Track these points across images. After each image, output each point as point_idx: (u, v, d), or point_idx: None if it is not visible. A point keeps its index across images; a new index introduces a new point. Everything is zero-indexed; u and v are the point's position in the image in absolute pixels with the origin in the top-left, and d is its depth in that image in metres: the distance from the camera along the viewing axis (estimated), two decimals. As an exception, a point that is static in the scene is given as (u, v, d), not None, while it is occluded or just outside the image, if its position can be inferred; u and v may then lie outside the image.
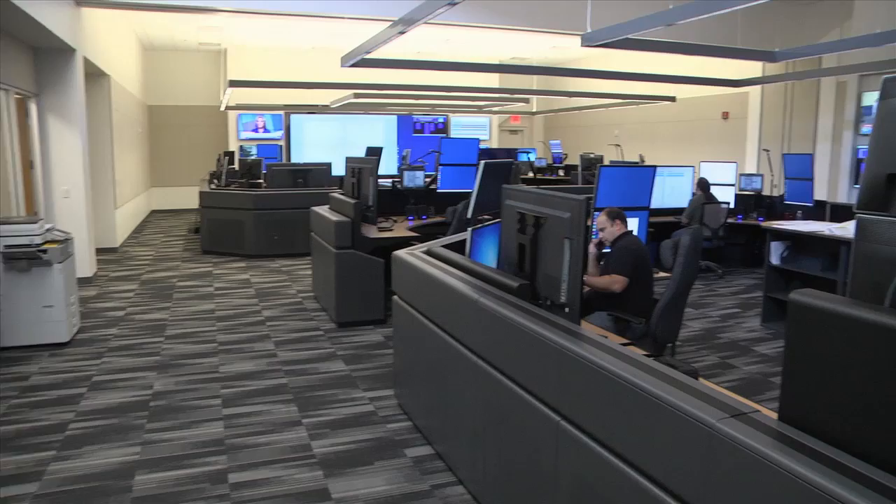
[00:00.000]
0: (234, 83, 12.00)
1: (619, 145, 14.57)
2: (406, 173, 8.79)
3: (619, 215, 4.80)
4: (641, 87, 12.88)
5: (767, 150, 11.71)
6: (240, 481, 3.73)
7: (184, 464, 3.93)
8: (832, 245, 6.77)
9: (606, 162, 12.91)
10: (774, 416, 1.89)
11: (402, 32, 6.12)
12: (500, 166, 6.68)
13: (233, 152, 14.84)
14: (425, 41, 14.23)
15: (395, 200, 8.44)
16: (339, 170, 9.52)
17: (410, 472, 3.82)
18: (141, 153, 15.77)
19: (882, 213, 1.90)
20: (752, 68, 11.62)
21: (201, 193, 11.43)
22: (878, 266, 1.84)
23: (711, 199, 9.46)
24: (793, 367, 1.83)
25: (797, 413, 1.82)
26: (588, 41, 6.87)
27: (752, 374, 5.62)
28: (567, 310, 2.94)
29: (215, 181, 12.53)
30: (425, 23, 5.73)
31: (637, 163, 11.94)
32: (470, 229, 4.30)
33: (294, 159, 17.34)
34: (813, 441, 1.72)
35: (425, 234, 6.89)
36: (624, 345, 3.17)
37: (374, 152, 11.52)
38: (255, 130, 17.60)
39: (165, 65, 17.61)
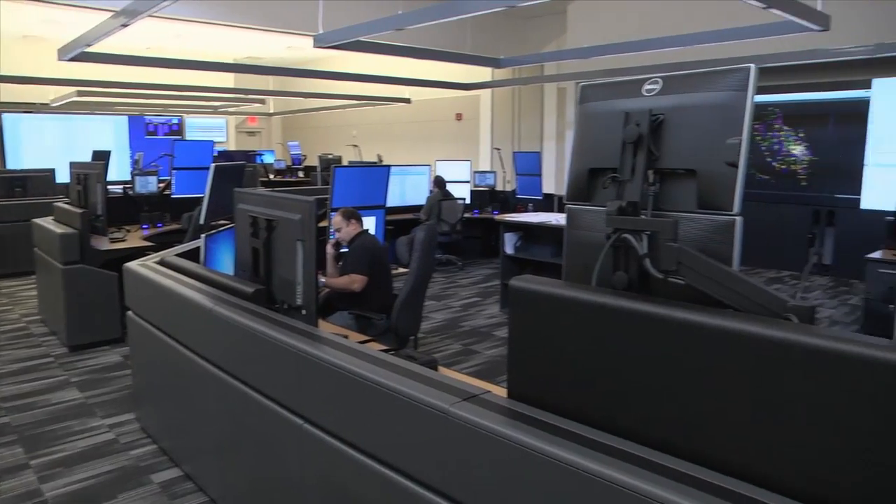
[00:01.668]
0: (-77, 74, 10.58)
1: (357, 146, 14.78)
2: (138, 178, 8.27)
3: (353, 215, 4.86)
4: (378, 88, 13.16)
5: (499, 149, 12.51)
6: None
7: None
8: (559, 233, 7.33)
9: (345, 162, 13.05)
10: (506, 394, 2.01)
11: (125, 25, 5.73)
12: (232, 169, 6.52)
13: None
14: (156, 36, 13.45)
15: (128, 208, 7.89)
16: (64, 176, 8.72)
17: (158, 499, 3.58)
18: None
19: (586, 203, 2.09)
20: (482, 73, 12.35)
21: None
22: (586, 250, 2.02)
23: (448, 196, 9.91)
24: (516, 347, 1.97)
25: (524, 389, 1.96)
26: (320, 42, 6.92)
27: (493, 357, 5.96)
28: (304, 312, 2.93)
29: None
30: (151, 16, 5.42)
31: (375, 163, 12.20)
32: (203, 236, 4.14)
33: (10, 165, 15.50)
34: (539, 413, 1.86)
35: (161, 242, 6.52)
36: (364, 342, 3.23)
37: (101, 156, 10.75)
38: (-38, 132, 15.56)
39: None
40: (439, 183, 10.10)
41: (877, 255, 6.37)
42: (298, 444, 2.62)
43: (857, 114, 9.83)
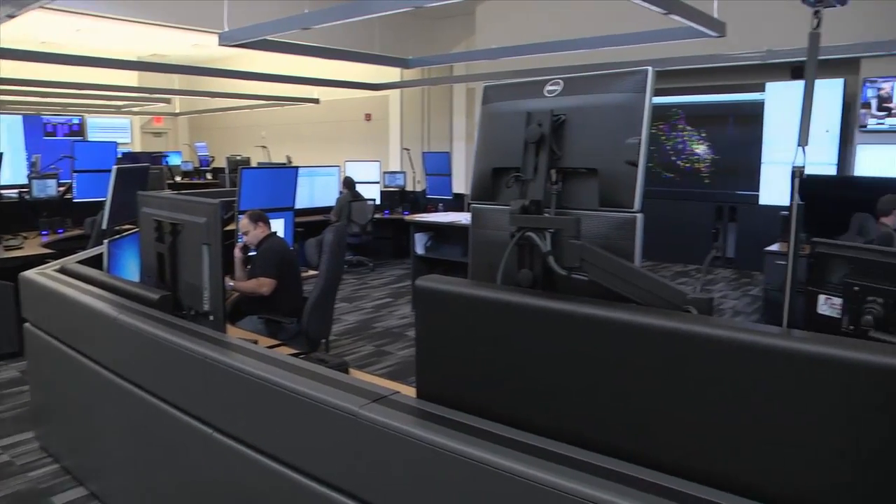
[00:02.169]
0: None
1: (265, 147, 14.55)
2: (36, 182, 7.92)
3: (261, 217, 4.79)
4: (286, 88, 12.99)
5: (408, 149, 12.53)
6: None
7: None
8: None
9: (254, 164, 12.85)
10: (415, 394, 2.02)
11: (10, 16, 5.45)
12: (136, 171, 6.33)
13: None
14: (53, 30, 12.88)
15: (25, 213, 7.52)
16: (-51, 182, 8.30)
17: (60, 521, 3.39)
18: None
19: (491, 202, 2.12)
20: (391, 73, 12.34)
21: None
22: (491, 249, 2.04)
23: (358, 197, 9.89)
24: (424, 347, 1.98)
25: (432, 388, 1.96)
26: (226, 40, 6.79)
27: (406, 357, 5.95)
28: (211, 318, 2.86)
29: None
30: (44, 8, 5.17)
31: (284, 164, 12.05)
32: (106, 241, 4.00)
33: None
34: (448, 412, 1.86)
35: (62, 249, 6.21)
36: (274, 346, 3.18)
37: (-8, 159, 10.25)
38: None
39: None
40: (349, 184, 10.08)
41: (774, 247, 6.67)
42: (209, 453, 2.56)
43: (754, 115, 10.30)
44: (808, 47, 3.61)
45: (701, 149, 11.02)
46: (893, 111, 9.22)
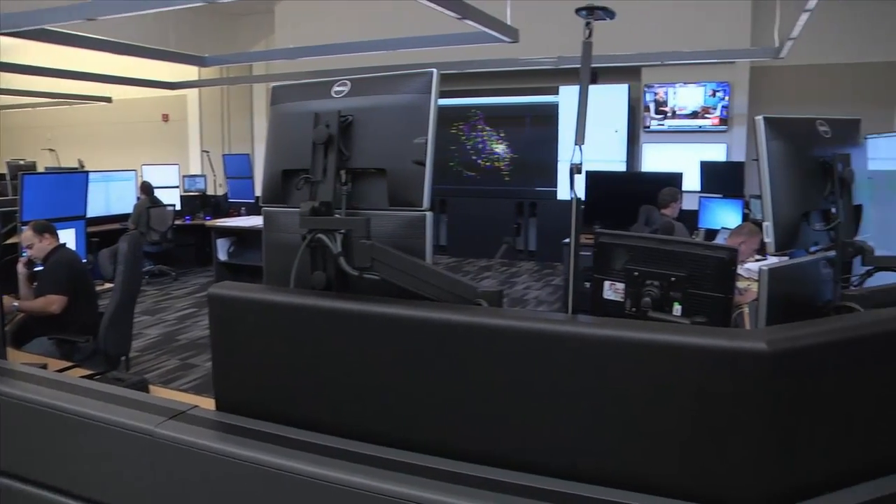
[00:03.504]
0: None
1: (53, 150, 13.56)
2: None
3: (47, 228, 4.45)
4: (75, 85, 12.12)
5: (207, 152, 12.15)
6: None
7: None
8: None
9: (41, 169, 11.98)
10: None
11: None
12: None
13: None
14: None
15: None
16: None
17: None
18: None
19: (282, 204, 2.09)
20: (189, 71, 11.86)
21: None
22: (285, 252, 2.01)
23: (157, 203, 9.47)
24: (220, 356, 1.95)
25: (232, 399, 1.92)
26: (-6, 28, 6.21)
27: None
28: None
29: None
30: None
31: (76, 168, 11.32)
32: None
33: None
34: (249, 422, 1.82)
35: None
36: (65, 369, 2.97)
37: None
38: None
39: None
40: (146, 189, 9.63)
41: (570, 239, 7.09)
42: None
43: (549, 116, 10.92)
44: (582, 55, 3.90)
45: (500, 148, 11.49)
46: (668, 114, 10.19)
